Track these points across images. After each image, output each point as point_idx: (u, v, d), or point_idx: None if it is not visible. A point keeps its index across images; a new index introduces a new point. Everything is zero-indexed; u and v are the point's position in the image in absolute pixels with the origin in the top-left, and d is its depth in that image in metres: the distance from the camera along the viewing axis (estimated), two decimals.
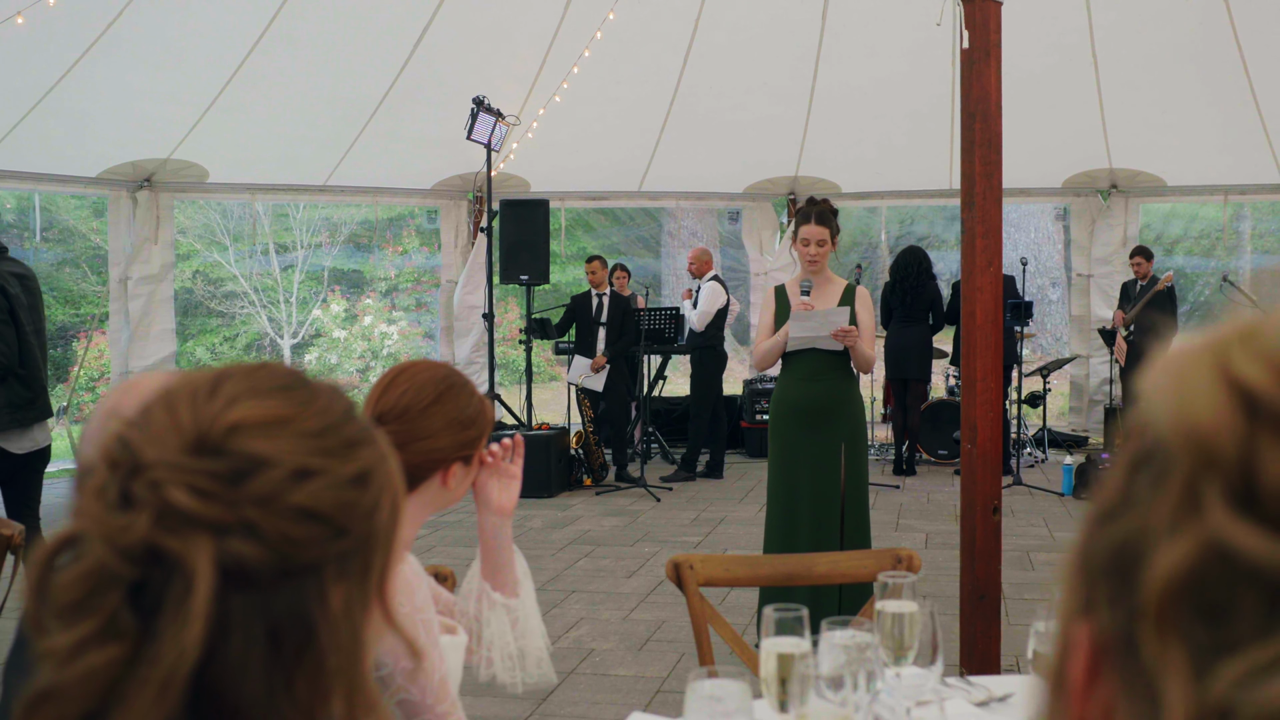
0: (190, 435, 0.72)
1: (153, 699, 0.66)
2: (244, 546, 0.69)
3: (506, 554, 1.98)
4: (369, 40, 8.63)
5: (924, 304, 9.07)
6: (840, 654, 1.54)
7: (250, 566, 0.69)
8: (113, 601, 0.68)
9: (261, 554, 0.69)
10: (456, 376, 1.86)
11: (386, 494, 0.77)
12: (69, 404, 12.22)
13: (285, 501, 0.71)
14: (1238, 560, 0.39)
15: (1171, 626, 0.40)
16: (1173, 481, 0.41)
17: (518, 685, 1.95)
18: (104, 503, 0.70)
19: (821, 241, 4.41)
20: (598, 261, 9.17)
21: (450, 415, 1.80)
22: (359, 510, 0.74)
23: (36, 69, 7.91)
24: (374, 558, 0.75)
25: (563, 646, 4.74)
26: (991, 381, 3.46)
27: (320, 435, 0.75)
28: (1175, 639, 0.40)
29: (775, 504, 4.47)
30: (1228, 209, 11.15)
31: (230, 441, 0.72)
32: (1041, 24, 7.87)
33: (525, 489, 8.31)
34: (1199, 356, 0.43)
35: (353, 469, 0.75)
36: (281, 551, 0.70)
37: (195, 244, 15.74)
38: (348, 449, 0.76)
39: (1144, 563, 0.41)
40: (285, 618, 0.70)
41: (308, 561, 0.71)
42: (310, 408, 0.76)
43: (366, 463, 0.76)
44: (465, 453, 1.84)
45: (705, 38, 9.04)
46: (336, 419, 0.77)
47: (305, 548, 0.71)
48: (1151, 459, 0.43)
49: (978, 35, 3.42)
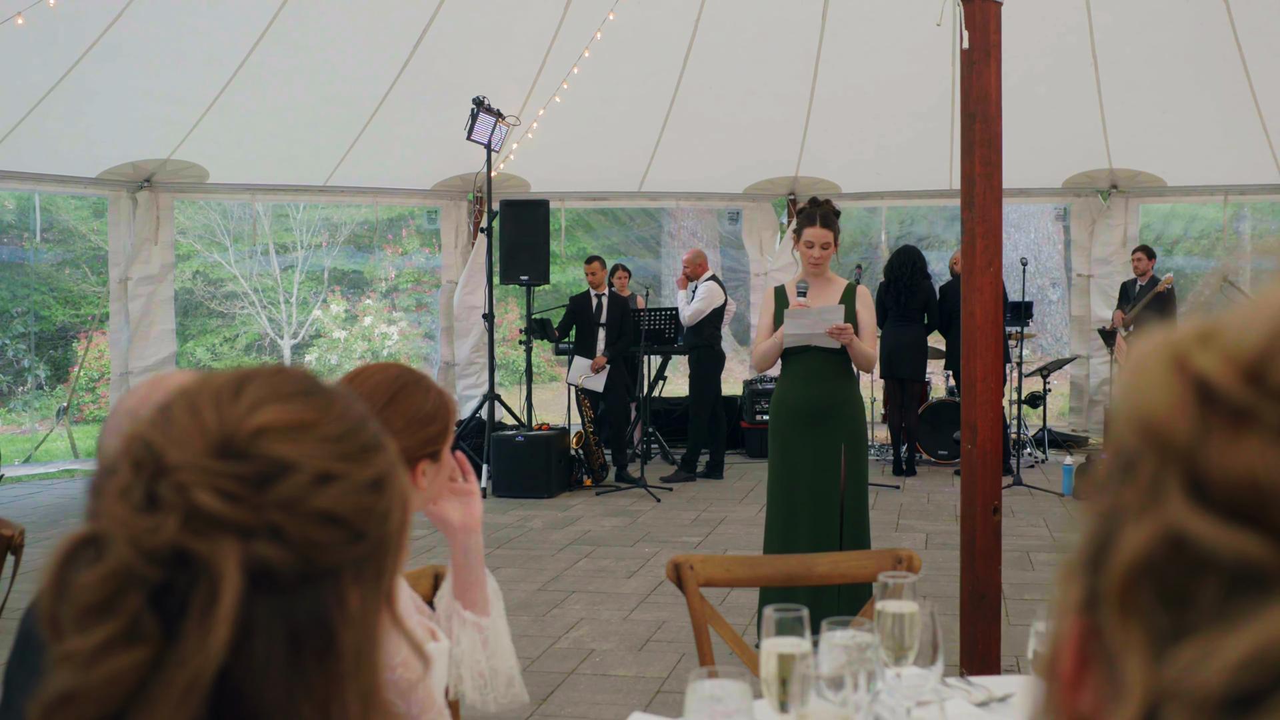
0: (215, 438, 0.72)
1: (176, 703, 0.66)
2: (269, 550, 0.69)
3: (477, 571, 1.93)
4: (369, 40, 8.63)
5: (919, 304, 9.08)
6: (840, 654, 1.54)
7: (275, 570, 0.69)
8: (135, 603, 0.68)
9: (286, 558, 0.70)
10: (409, 374, 1.82)
11: (398, 499, 0.79)
12: (69, 404, 12.22)
13: (309, 505, 0.71)
14: (1194, 548, 0.40)
15: (1133, 609, 0.42)
16: (1140, 472, 0.43)
17: (489, 704, 1.92)
18: (129, 504, 0.70)
19: (825, 245, 4.41)
20: (598, 262, 9.17)
21: (408, 415, 1.76)
22: (375, 514, 0.75)
23: (36, 69, 7.91)
24: (386, 561, 0.76)
25: (563, 646, 4.74)
26: (992, 381, 3.46)
27: (340, 440, 0.76)
28: (1136, 622, 0.41)
29: (775, 504, 4.47)
30: (1228, 209, 11.16)
31: (255, 445, 0.72)
32: (1041, 24, 7.87)
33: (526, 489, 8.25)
34: (1158, 352, 0.44)
35: (370, 473, 0.76)
36: (304, 555, 0.70)
37: (195, 244, 15.75)
38: (365, 453, 0.77)
39: (1110, 548, 0.43)
40: (306, 621, 0.70)
41: (328, 565, 0.72)
42: (330, 412, 0.77)
43: (382, 468, 0.78)
44: (431, 449, 1.80)
45: (705, 38, 9.04)
46: (354, 424, 0.78)
47: (326, 551, 0.71)
48: (1123, 453, 0.44)
49: (978, 35, 3.42)
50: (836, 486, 4.32)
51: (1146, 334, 0.46)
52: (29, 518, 7.26)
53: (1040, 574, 5.77)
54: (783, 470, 4.44)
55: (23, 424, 13.97)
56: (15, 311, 14.84)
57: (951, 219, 14.57)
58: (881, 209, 11.95)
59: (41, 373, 14.75)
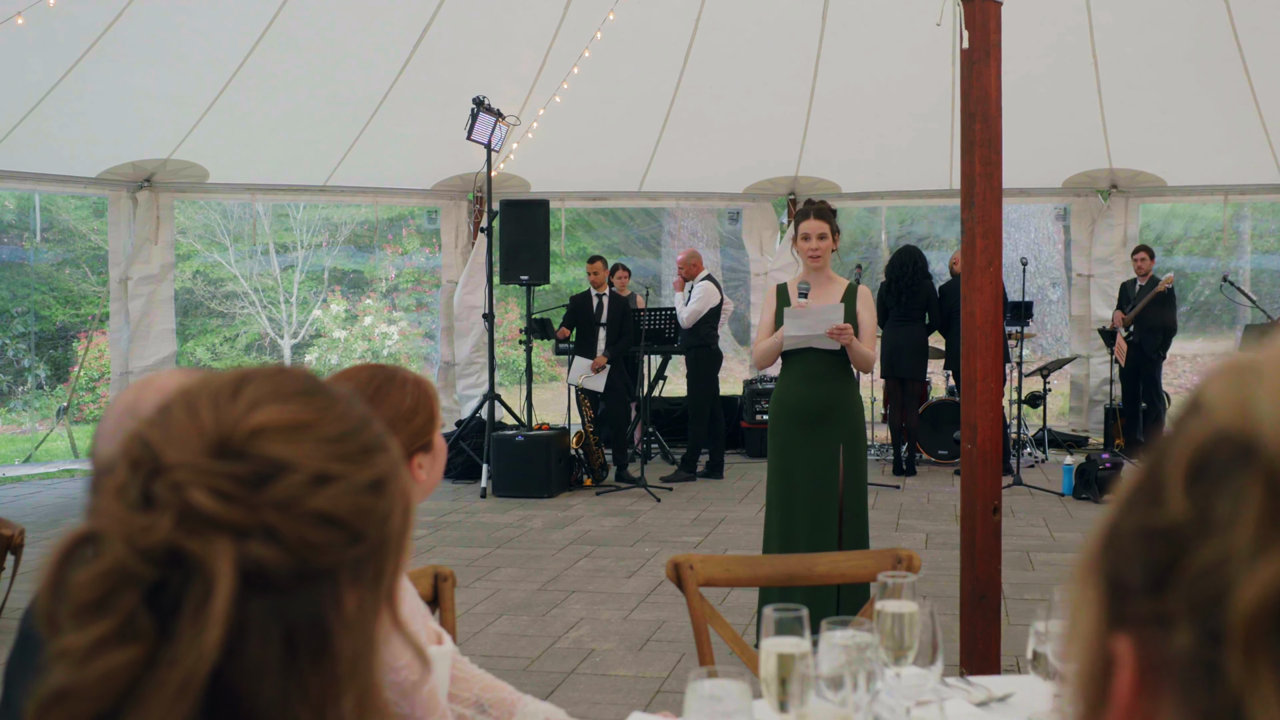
0: (212, 437, 0.72)
1: (170, 700, 0.66)
2: (263, 550, 0.69)
3: None
4: (369, 40, 8.63)
5: (919, 304, 9.08)
6: (840, 654, 1.54)
7: (269, 570, 0.69)
8: (131, 602, 0.68)
9: (280, 558, 0.69)
10: (381, 373, 1.83)
11: (399, 500, 0.78)
12: (69, 404, 12.22)
13: (305, 506, 0.71)
14: None
15: (1261, 650, 0.40)
16: (1248, 501, 0.40)
17: None
18: (125, 503, 0.70)
19: (822, 235, 4.41)
20: (600, 262, 9.17)
21: (391, 414, 1.76)
22: (374, 516, 0.75)
23: (36, 69, 7.91)
24: (386, 563, 0.76)
25: (563, 646, 4.74)
26: (992, 381, 3.46)
27: (339, 441, 0.75)
28: (1265, 663, 0.40)
29: (775, 504, 4.47)
30: (1228, 209, 11.16)
31: (252, 445, 0.72)
32: (1041, 24, 7.87)
33: (526, 489, 8.26)
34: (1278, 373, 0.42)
35: (369, 475, 0.75)
36: (300, 556, 0.70)
37: (195, 244, 15.76)
38: (365, 455, 0.76)
39: (1227, 585, 0.40)
40: (301, 621, 0.70)
41: (325, 566, 0.71)
42: (330, 413, 0.77)
43: (382, 469, 0.77)
44: (421, 442, 1.82)
45: (705, 38, 9.04)
46: (354, 425, 0.77)
47: (323, 552, 0.71)
48: (1222, 474, 0.42)
49: (978, 35, 3.42)
50: (836, 486, 4.31)
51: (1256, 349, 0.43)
52: (29, 518, 7.27)
53: (1040, 574, 5.77)
54: (782, 470, 4.43)
55: (23, 424, 13.98)
56: (15, 311, 14.85)
57: (951, 219, 14.57)
58: (881, 209, 11.95)
59: (41, 372, 14.76)
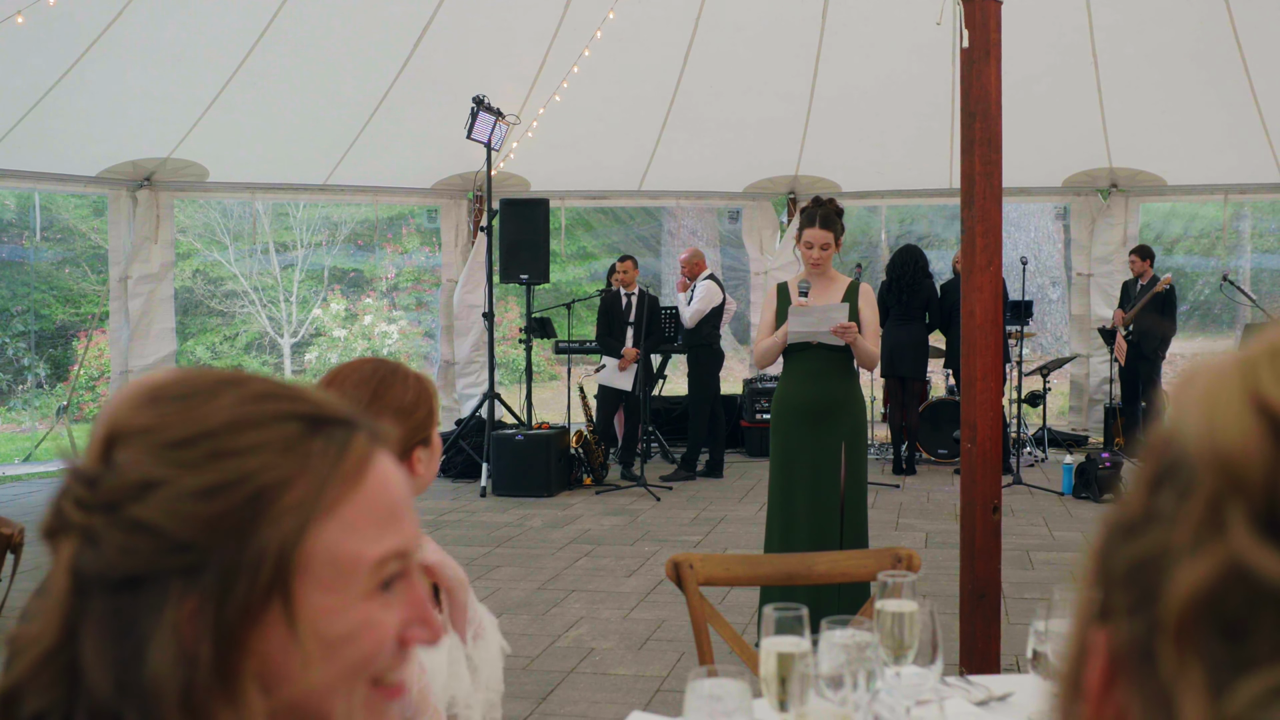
0: (97, 440, 0.76)
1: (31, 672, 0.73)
2: (87, 552, 0.73)
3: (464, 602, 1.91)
4: (369, 40, 8.63)
5: (920, 303, 9.09)
6: (840, 653, 1.54)
7: (88, 573, 0.73)
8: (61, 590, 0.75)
9: (99, 561, 0.72)
10: (384, 367, 1.84)
11: (266, 507, 0.73)
12: (69, 403, 12.22)
13: (124, 512, 0.73)
14: (1258, 582, 0.40)
15: (1190, 643, 0.41)
16: (1196, 500, 0.42)
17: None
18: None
19: (825, 246, 4.38)
20: (630, 261, 9.20)
21: (394, 408, 1.78)
22: (204, 523, 0.72)
23: (36, 69, 7.91)
24: (240, 574, 0.73)
25: (563, 646, 4.74)
26: (991, 380, 3.46)
27: (180, 446, 0.74)
28: (1194, 655, 0.41)
29: (775, 503, 4.47)
30: (1228, 208, 11.16)
31: (110, 449, 0.75)
32: (1041, 24, 7.87)
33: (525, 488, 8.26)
34: (1228, 376, 0.43)
35: (203, 481, 0.73)
36: (115, 561, 0.72)
37: (195, 243, 15.75)
38: (208, 461, 0.73)
39: (1165, 578, 0.42)
40: (127, 624, 0.72)
41: (142, 572, 0.72)
42: (182, 417, 0.75)
43: (230, 475, 0.73)
44: (421, 435, 1.83)
45: (705, 38, 9.04)
46: (207, 430, 0.74)
47: (140, 558, 0.72)
48: (1176, 475, 0.43)
49: (978, 35, 3.42)
50: (837, 485, 4.31)
51: (1214, 355, 0.45)
52: (29, 517, 7.22)
53: (1040, 573, 5.77)
54: (783, 469, 4.43)
55: (22, 423, 13.97)
56: (15, 310, 14.84)
57: (951, 218, 14.57)
58: (881, 208, 11.95)
59: (41, 371, 14.75)
